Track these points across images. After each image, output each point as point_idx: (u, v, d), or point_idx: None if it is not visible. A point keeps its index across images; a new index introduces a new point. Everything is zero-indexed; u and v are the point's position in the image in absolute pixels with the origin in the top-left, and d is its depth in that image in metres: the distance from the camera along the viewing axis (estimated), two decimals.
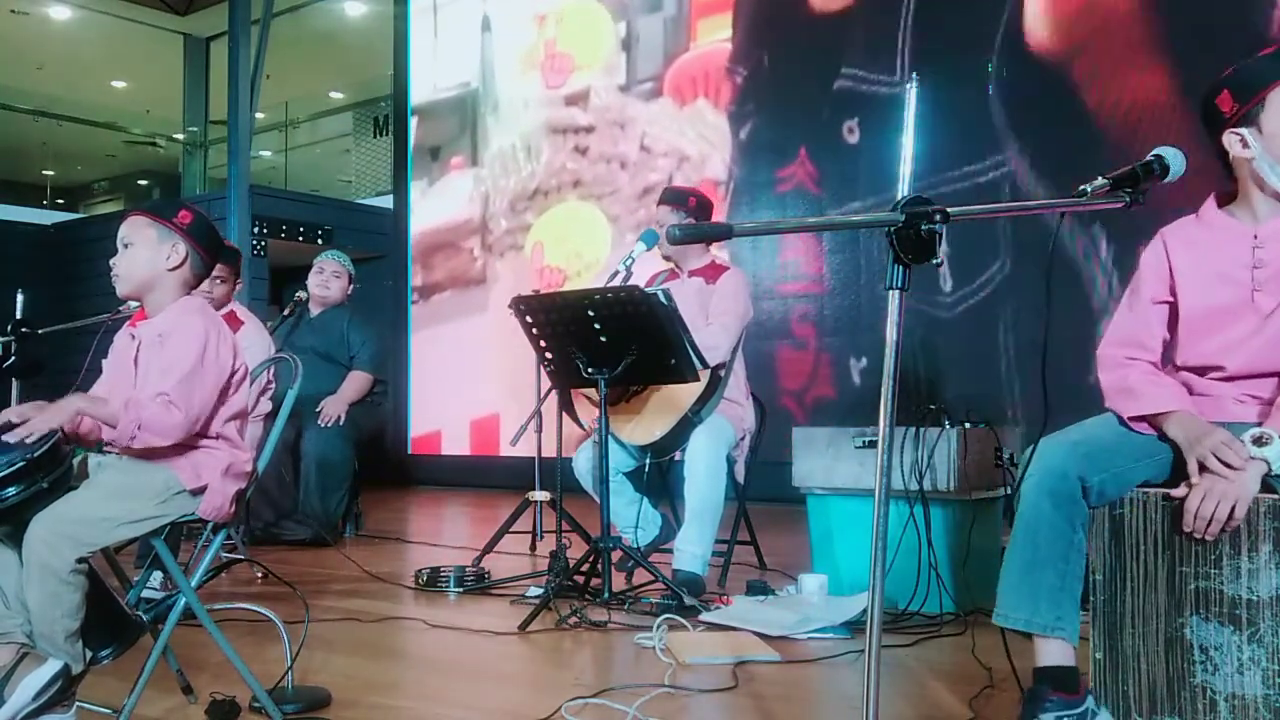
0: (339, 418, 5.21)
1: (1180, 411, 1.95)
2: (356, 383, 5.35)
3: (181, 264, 2.35)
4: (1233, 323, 2.00)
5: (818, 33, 7.12)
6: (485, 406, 8.71)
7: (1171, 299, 2.08)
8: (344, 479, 5.26)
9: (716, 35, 7.67)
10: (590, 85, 8.36)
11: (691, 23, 7.86)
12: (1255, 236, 2.00)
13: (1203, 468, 1.85)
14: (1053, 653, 1.92)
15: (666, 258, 4.06)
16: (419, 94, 9.69)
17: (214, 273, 4.34)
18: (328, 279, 5.45)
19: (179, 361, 2.24)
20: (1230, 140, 2.00)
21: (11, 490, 2.06)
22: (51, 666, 2.08)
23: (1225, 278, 2.02)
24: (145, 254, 2.33)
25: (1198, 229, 2.09)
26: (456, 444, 9.09)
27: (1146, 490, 1.91)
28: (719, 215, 7.41)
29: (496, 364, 8.45)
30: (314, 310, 5.47)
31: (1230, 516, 1.78)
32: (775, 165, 7.25)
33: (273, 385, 4.30)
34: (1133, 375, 2.04)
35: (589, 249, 8.26)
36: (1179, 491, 1.84)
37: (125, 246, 2.35)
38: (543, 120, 8.67)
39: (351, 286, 5.55)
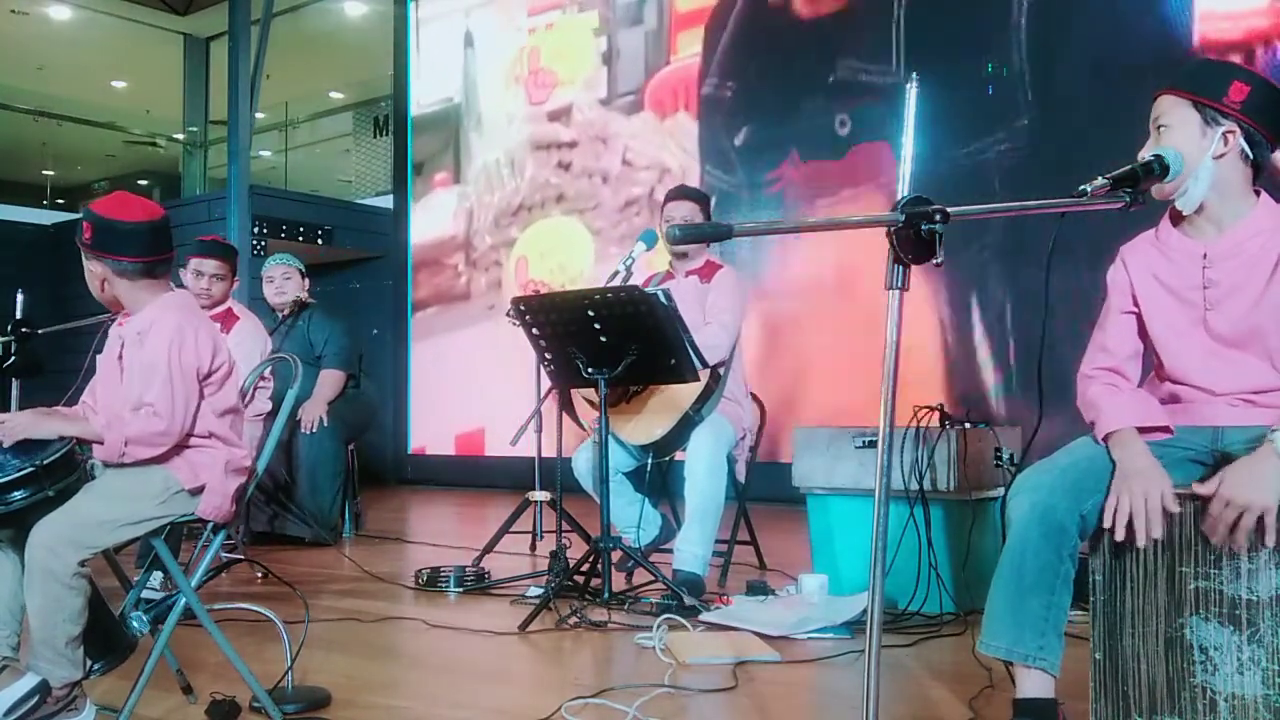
0: (320, 419, 5.20)
1: (1122, 431, 1.91)
2: (329, 382, 5.29)
3: (121, 275, 2.28)
4: (1193, 347, 1.98)
5: (803, 35, 7.12)
6: (471, 421, 8.82)
7: (1137, 309, 2.06)
8: (335, 476, 5.23)
9: (696, 48, 7.69)
10: (573, 101, 8.43)
11: (671, 36, 7.88)
12: (1205, 256, 1.97)
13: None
14: (1033, 685, 1.89)
15: (681, 255, 4.02)
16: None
17: (212, 270, 4.36)
18: (279, 285, 5.28)
19: (155, 365, 2.23)
20: None
21: (18, 494, 2.06)
22: (27, 682, 2.05)
23: (1179, 299, 2.00)
24: (92, 274, 2.30)
25: (1153, 248, 2.06)
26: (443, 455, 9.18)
27: None
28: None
29: (482, 377, 8.54)
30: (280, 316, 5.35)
31: (1260, 526, 1.73)
32: (765, 169, 7.24)
33: (269, 383, 4.29)
34: (1092, 389, 2.02)
35: (572, 263, 8.34)
36: (1205, 489, 1.78)
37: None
38: (526, 136, 8.73)
39: (306, 282, 5.35)
